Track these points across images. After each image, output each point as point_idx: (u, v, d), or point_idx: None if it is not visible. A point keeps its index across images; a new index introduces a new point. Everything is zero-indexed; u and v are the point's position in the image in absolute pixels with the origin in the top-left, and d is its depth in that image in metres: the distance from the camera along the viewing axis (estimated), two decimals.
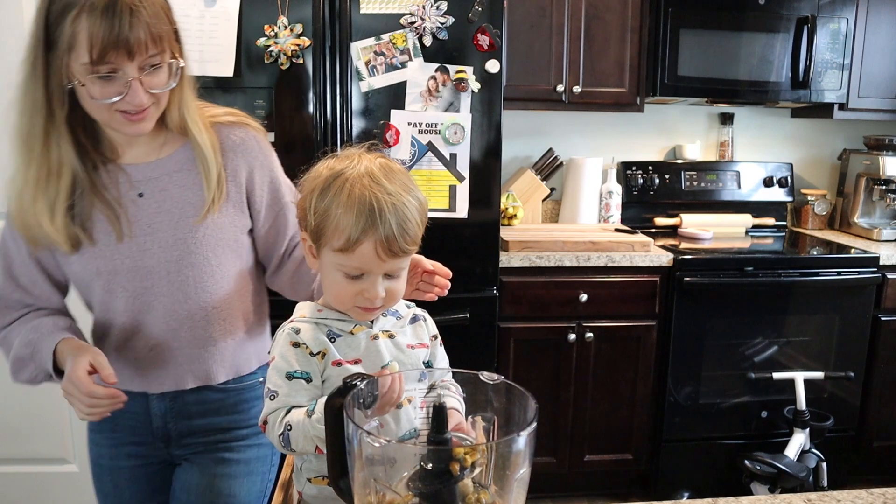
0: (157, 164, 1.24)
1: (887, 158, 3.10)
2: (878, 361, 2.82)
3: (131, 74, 1.08)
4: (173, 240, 1.22)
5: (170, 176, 1.24)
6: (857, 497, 1.04)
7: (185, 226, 1.23)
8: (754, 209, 3.26)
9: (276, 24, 2.18)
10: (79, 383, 1.09)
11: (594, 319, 2.67)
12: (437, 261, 1.23)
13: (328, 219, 0.97)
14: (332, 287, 1.02)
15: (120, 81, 1.08)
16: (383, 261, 0.97)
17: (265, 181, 1.32)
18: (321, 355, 1.00)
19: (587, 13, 2.78)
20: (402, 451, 0.84)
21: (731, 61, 2.84)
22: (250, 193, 1.30)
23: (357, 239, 0.95)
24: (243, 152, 1.30)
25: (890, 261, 2.75)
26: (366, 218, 0.94)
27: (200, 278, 1.25)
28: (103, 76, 1.07)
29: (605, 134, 3.25)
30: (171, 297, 1.24)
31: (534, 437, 0.73)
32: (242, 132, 1.31)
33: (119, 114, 1.11)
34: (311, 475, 1.03)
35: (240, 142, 1.30)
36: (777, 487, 2.48)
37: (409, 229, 0.97)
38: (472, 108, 2.30)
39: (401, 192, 0.97)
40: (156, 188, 1.23)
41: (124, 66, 1.07)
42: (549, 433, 2.74)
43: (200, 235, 1.24)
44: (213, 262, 1.26)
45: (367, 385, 0.85)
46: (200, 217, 1.23)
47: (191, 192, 1.24)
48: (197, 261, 1.24)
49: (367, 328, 1.04)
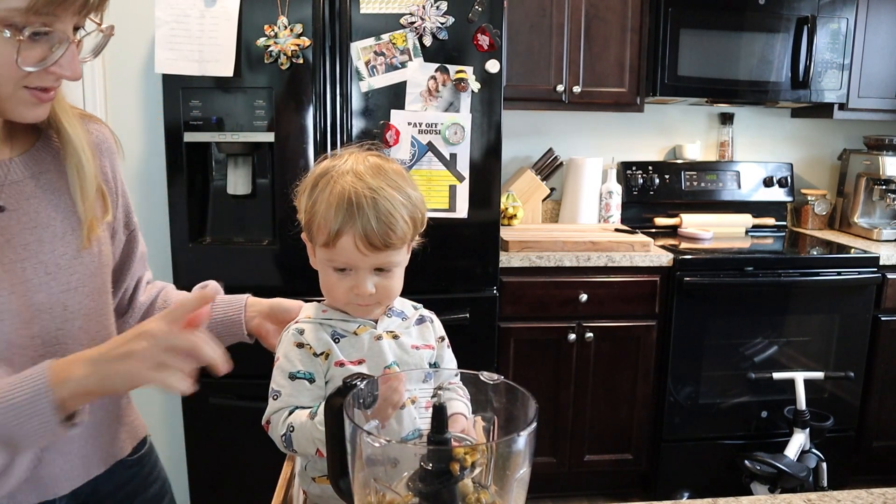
0: (13, 164, 0.92)
1: (887, 158, 3.10)
2: (878, 361, 2.82)
3: (67, 35, 0.80)
4: (66, 264, 0.93)
5: (35, 179, 0.94)
6: (857, 497, 1.04)
7: (74, 244, 0.95)
8: (754, 209, 3.26)
9: (276, 24, 2.18)
10: (170, 334, 0.78)
11: (594, 319, 2.67)
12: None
13: (315, 215, 0.99)
14: (326, 284, 1.03)
15: (47, 44, 0.79)
16: (365, 254, 0.97)
17: (122, 192, 1.08)
18: (325, 356, 1.01)
19: (587, 13, 2.78)
20: (402, 451, 0.84)
21: (731, 61, 2.84)
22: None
23: (337, 232, 0.96)
24: (108, 154, 1.05)
25: (890, 261, 2.76)
26: (344, 211, 0.95)
27: (105, 313, 1.00)
28: (35, 32, 0.78)
29: (604, 134, 3.25)
30: (79, 348, 0.90)
31: (534, 437, 0.73)
32: (100, 128, 1.05)
33: (25, 90, 0.82)
34: (315, 475, 1.03)
35: (102, 139, 1.04)
36: (777, 487, 2.48)
37: (393, 223, 0.97)
38: (472, 108, 2.30)
39: (384, 187, 0.98)
40: (20, 196, 0.91)
41: (62, 23, 0.79)
42: (549, 433, 2.74)
43: (95, 255, 0.98)
44: (106, 292, 1.00)
45: (367, 385, 0.85)
46: (84, 235, 0.95)
47: (66, 201, 0.96)
48: (95, 290, 0.98)
49: (371, 328, 1.04)
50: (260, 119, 2.24)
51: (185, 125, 2.22)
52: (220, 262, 2.34)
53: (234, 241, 2.37)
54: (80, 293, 0.95)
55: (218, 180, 2.38)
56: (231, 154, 2.30)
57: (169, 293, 1.23)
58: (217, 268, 2.31)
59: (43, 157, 0.95)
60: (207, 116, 2.23)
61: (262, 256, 2.34)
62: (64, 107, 0.95)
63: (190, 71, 2.15)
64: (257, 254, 2.34)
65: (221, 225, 2.40)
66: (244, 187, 2.33)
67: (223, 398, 2.30)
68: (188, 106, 2.21)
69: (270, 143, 2.26)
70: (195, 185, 2.32)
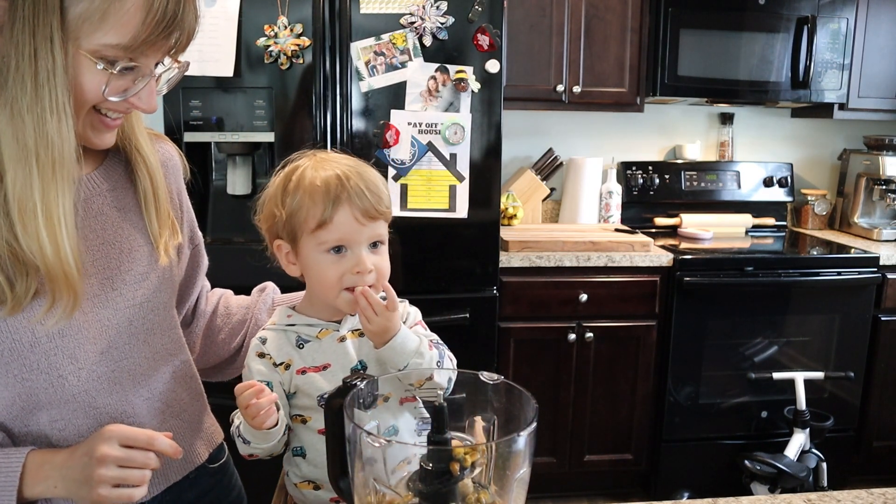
0: (83, 180, 0.92)
1: (887, 158, 3.09)
2: (878, 361, 2.82)
3: (150, 70, 0.84)
4: (132, 280, 0.95)
5: (104, 196, 0.94)
6: (857, 497, 1.04)
7: (141, 261, 0.96)
8: (754, 209, 3.26)
9: (276, 24, 2.18)
10: (136, 433, 0.83)
11: (594, 319, 2.67)
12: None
13: (299, 210, 1.00)
14: (319, 275, 1.02)
15: (131, 77, 0.82)
16: (362, 224, 1.00)
17: (187, 209, 1.12)
18: (284, 366, 1.02)
19: (587, 13, 2.78)
20: (402, 451, 0.84)
21: (731, 61, 2.84)
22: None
23: (333, 208, 0.98)
24: (173, 172, 1.07)
25: (890, 261, 2.75)
26: (334, 188, 0.98)
27: (170, 327, 1.03)
28: (125, 67, 0.81)
29: (605, 134, 3.25)
30: (146, 366, 0.97)
31: (534, 437, 0.73)
32: (166, 147, 1.06)
33: (97, 116, 0.85)
34: (297, 481, 1.06)
35: (168, 158, 1.06)
36: (777, 487, 2.48)
37: (379, 192, 1.01)
38: (472, 108, 2.30)
39: (358, 164, 1.03)
40: (88, 213, 0.92)
41: (147, 59, 0.83)
42: (549, 433, 2.74)
43: (161, 272, 0.99)
44: (171, 307, 1.03)
45: (367, 385, 0.85)
46: (156, 257, 0.98)
47: (133, 218, 0.97)
48: (160, 306, 0.99)
49: (333, 331, 1.04)
50: (260, 119, 2.24)
51: (185, 125, 2.22)
52: (220, 262, 2.32)
53: (234, 241, 2.37)
54: (144, 308, 0.96)
55: (218, 180, 2.38)
56: (231, 154, 2.30)
57: (229, 300, 1.27)
58: (217, 268, 2.30)
59: (112, 174, 0.96)
60: (207, 116, 2.23)
61: (262, 256, 2.33)
62: (140, 128, 0.97)
63: (190, 71, 2.13)
64: (257, 254, 2.33)
65: (221, 225, 2.40)
66: (244, 187, 2.33)
67: (222, 398, 2.29)
68: (188, 106, 2.21)
69: (270, 143, 2.26)
70: (195, 185, 2.31)
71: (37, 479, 0.83)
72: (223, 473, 1.15)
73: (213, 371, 1.25)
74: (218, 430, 1.16)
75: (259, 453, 1.00)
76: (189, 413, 1.06)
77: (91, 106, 0.83)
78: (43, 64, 0.76)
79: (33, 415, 0.88)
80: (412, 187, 2.31)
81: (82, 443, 0.85)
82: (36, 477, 0.83)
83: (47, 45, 0.75)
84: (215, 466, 1.12)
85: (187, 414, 1.06)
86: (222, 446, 1.16)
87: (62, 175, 0.80)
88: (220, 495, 1.13)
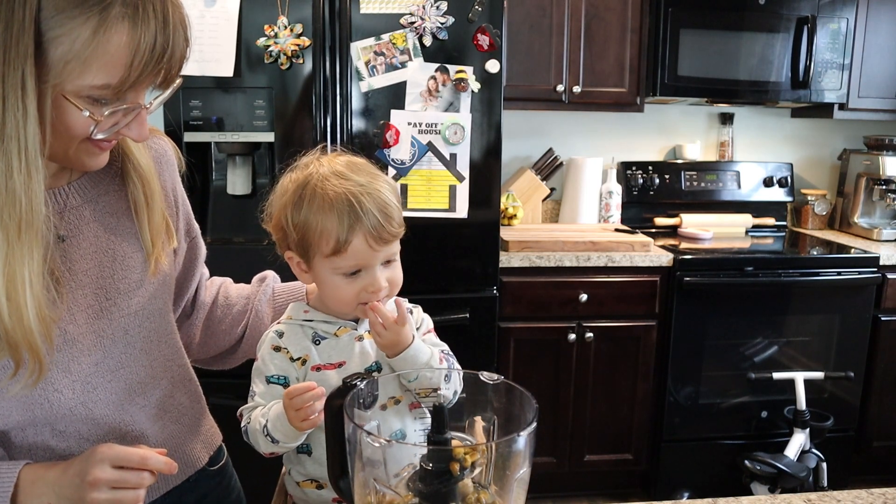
0: (72, 189, 0.89)
1: (887, 158, 3.09)
2: (878, 361, 2.82)
3: (139, 103, 0.80)
4: (126, 288, 0.93)
5: (93, 203, 0.91)
6: (857, 497, 1.04)
7: (134, 269, 0.93)
8: (754, 209, 3.26)
9: (276, 24, 2.18)
10: (128, 454, 0.81)
11: (594, 319, 2.66)
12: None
13: (310, 228, 0.98)
14: (334, 292, 1.02)
15: (121, 113, 0.80)
16: (376, 251, 0.98)
17: (182, 202, 1.08)
18: (301, 361, 1.02)
19: (587, 13, 2.78)
20: (402, 451, 0.84)
21: (731, 61, 2.84)
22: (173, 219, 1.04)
23: (346, 238, 0.96)
24: (167, 167, 1.03)
25: (890, 261, 2.75)
26: (348, 215, 0.95)
27: (167, 333, 1.01)
28: (114, 110, 0.78)
29: (605, 134, 3.25)
30: (144, 374, 0.95)
31: (534, 437, 0.73)
32: (159, 142, 1.02)
33: (89, 143, 0.81)
34: (299, 479, 1.05)
35: (161, 153, 1.02)
36: (777, 487, 2.48)
37: (392, 213, 0.99)
38: (472, 108, 2.30)
39: (370, 180, 0.99)
40: (79, 222, 0.89)
41: (136, 94, 0.79)
42: (549, 433, 2.74)
43: (157, 278, 0.97)
44: (167, 313, 1.01)
45: (367, 385, 0.85)
46: (150, 266, 0.94)
47: (125, 223, 0.94)
48: (156, 313, 0.97)
49: (351, 329, 1.04)
50: (260, 119, 2.24)
51: (185, 125, 2.22)
52: (219, 262, 2.32)
53: (234, 241, 2.37)
54: (140, 317, 0.94)
55: (218, 180, 2.38)
56: (231, 154, 2.30)
57: (228, 289, 1.26)
58: (217, 268, 2.30)
59: (101, 180, 0.92)
60: (207, 116, 2.23)
61: (262, 256, 2.33)
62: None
63: (190, 71, 2.15)
64: (257, 254, 2.33)
65: (221, 225, 2.39)
66: (244, 187, 2.33)
67: (222, 398, 2.29)
68: (188, 106, 2.21)
69: (270, 143, 2.26)
70: (195, 185, 2.31)
71: (31, 496, 0.81)
72: (223, 475, 1.15)
73: (214, 360, 1.24)
74: (217, 432, 1.15)
75: (281, 452, 0.99)
76: (188, 417, 1.06)
77: (76, 139, 0.80)
78: (11, 115, 0.71)
79: (32, 426, 0.87)
80: (412, 187, 2.31)
81: (74, 461, 0.82)
82: (30, 493, 0.81)
83: (17, 93, 0.71)
84: (215, 469, 1.12)
85: (187, 418, 1.05)
86: (222, 448, 1.16)
87: (29, 236, 0.74)
88: (220, 497, 1.13)
